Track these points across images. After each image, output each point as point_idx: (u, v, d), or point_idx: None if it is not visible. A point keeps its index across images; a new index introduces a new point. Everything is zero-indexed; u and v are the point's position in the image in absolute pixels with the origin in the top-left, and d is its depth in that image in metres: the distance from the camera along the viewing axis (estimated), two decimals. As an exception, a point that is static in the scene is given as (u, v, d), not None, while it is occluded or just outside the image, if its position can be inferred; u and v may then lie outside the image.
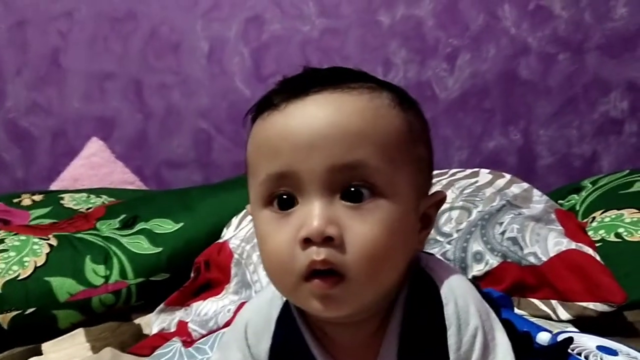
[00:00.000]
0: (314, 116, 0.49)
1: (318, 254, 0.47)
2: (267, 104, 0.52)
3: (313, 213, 0.48)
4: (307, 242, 0.48)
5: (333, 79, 0.52)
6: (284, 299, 0.58)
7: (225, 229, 1.31)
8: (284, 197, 0.50)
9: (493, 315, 0.55)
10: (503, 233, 1.03)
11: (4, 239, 1.26)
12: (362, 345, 0.55)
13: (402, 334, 0.54)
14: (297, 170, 0.48)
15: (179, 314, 1.15)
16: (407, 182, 0.51)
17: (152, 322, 1.17)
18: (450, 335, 0.52)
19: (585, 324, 0.93)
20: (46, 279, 1.19)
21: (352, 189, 0.49)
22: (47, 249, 1.24)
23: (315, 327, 0.57)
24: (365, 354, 0.55)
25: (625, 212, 1.15)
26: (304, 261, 0.48)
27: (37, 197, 1.66)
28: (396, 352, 0.54)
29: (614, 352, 0.75)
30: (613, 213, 1.17)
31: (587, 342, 0.77)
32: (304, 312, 0.56)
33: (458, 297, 0.53)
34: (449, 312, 0.52)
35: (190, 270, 1.26)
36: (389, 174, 0.49)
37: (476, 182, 1.20)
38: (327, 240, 0.47)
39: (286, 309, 0.58)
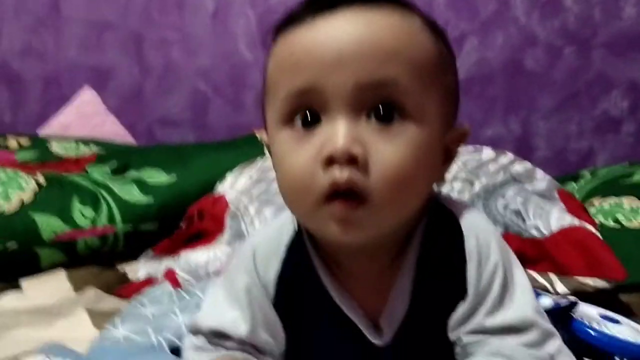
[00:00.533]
0: (343, 30, 0.47)
1: (341, 174, 0.45)
2: (291, 19, 0.50)
3: (338, 131, 0.46)
4: (330, 161, 0.45)
5: None
6: (296, 225, 0.56)
7: (218, 184, 1.28)
8: (307, 114, 0.48)
9: (512, 253, 0.54)
10: (506, 205, 1.03)
11: (-10, 171, 1.22)
12: (376, 276, 0.54)
13: (418, 265, 0.53)
14: (322, 85, 0.46)
15: (167, 262, 1.12)
16: (436, 109, 0.49)
17: (138, 269, 1.14)
18: (470, 269, 0.51)
19: (581, 299, 0.92)
20: (31, 215, 1.16)
21: (381, 109, 0.46)
22: (34, 186, 1.20)
23: (328, 256, 0.54)
24: (378, 285, 0.53)
25: (624, 199, 1.15)
26: (325, 181, 0.46)
27: (24, 141, 1.62)
28: (411, 285, 0.53)
29: (616, 321, 0.74)
30: (612, 200, 1.16)
31: (589, 310, 0.76)
32: (317, 240, 0.54)
33: (480, 231, 0.52)
34: (470, 245, 0.51)
35: (179, 222, 1.23)
36: (419, 96, 0.47)
37: (480, 157, 1.19)
38: (351, 161, 0.45)
39: (298, 236, 0.56)
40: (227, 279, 0.58)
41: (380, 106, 0.46)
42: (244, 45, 1.80)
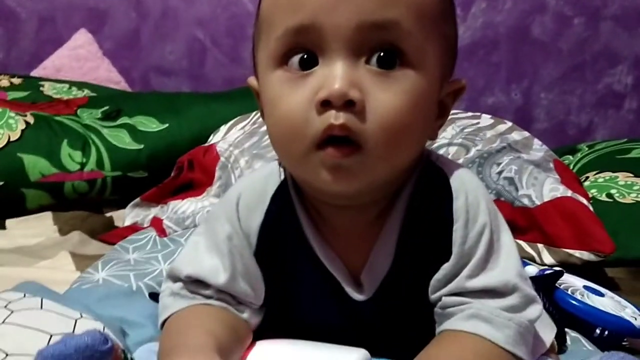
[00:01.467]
0: None
1: (337, 118, 0.43)
2: None
3: (335, 73, 0.43)
4: (325, 105, 0.43)
5: None
6: (282, 176, 0.54)
7: (212, 135, 1.26)
8: (304, 56, 0.45)
9: (501, 216, 0.52)
10: (500, 173, 1.01)
11: (-22, 108, 1.19)
12: (360, 231, 0.52)
13: (404, 222, 0.51)
14: (321, 24, 0.44)
15: (155, 211, 1.11)
16: (435, 57, 0.47)
17: (126, 215, 1.13)
18: (457, 228, 0.49)
19: (568, 271, 0.92)
20: (19, 154, 1.14)
21: (382, 53, 0.44)
22: (22, 125, 1.18)
23: (313, 209, 0.53)
24: (362, 240, 0.52)
25: (620, 174, 1.14)
26: (319, 126, 0.44)
27: (16, 80, 1.59)
28: (395, 242, 0.51)
29: (599, 293, 0.74)
30: (607, 175, 1.15)
31: (574, 280, 0.76)
32: (303, 191, 0.53)
33: (469, 191, 0.50)
34: (458, 205, 0.50)
35: (170, 172, 1.22)
36: (420, 41, 0.45)
37: (477, 123, 1.17)
38: (347, 105, 0.43)
39: (283, 186, 0.54)
40: (209, 226, 0.56)
41: (380, 51, 0.44)
42: (246, -6, 1.75)
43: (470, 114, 1.23)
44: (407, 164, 0.49)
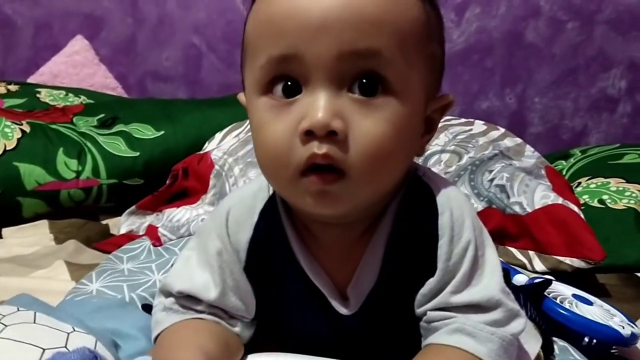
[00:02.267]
0: None
1: (320, 148, 0.44)
2: None
3: (318, 104, 0.44)
4: (308, 134, 0.44)
5: None
6: (270, 191, 0.55)
7: (207, 143, 1.27)
8: (288, 83, 0.46)
9: (486, 232, 0.53)
10: (492, 180, 1.02)
11: (-26, 117, 1.20)
12: (347, 246, 0.53)
13: (390, 238, 0.52)
14: (303, 53, 0.44)
15: (150, 219, 1.12)
16: (419, 80, 0.48)
17: (121, 223, 1.14)
18: (442, 245, 0.50)
19: (558, 278, 0.92)
20: (15, 163, 1.15)
21: (364, 80, 0.45)
22: (19, 134, 1.19)
23: (300, 224, 0.54)
24: (348, 255, 0.53)
25: (612, 180, 1.15)
26: (303, 154, 0.45)
27: (13, 87, 1.59)
28: (381, 257, 0.52)
29: (588, 302, 0.75)
30: (599, 180, 1.16)
31: (562, 289, 0.77)
32: (290, 207, 0.54)
33: (454, 207, 0.51)
34: (443, 221, 0.50)
35: (165, 179, 1.23)
36: (402, 68, 0.45)
37: (470, 130, 1.18)
38: (330, 135, 0.44)
39: (271, 202, 0.55)
40: (200, 241, 0.57)
41: (362, 78, 0.45)
42: (241, 1, 1.76)
43: (463, 120, 1.24)
44: (391, 186, 0.50)
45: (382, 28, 0.44)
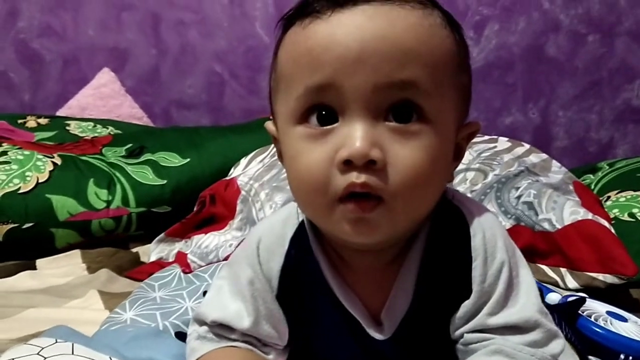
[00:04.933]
0: (364, 27, 0.45)
1: (358, 177, 0.45)
2: (307, 11, 0.48)
3: (356, 134, 0.45)
4: (347, 164, 0.45)
5: None
6: (300, 218, 0.56)
7: (233, 168, 1.29)
8: (324, 112, 0.47)
9: (519, 252, 0.53)
10: (519, 197, 1.01)
11: (7, 151, 1.24)
12: (379, 271, 0.53)
13: (422, 263, 0.52)
14: (341, 84, 0.45)
15: (179, 246, 1.13)
16: (450, 110, 0.49)
17: (151, 251, 1.15)
18: (476, 267, 0.50)
19: (591, 295, 0.91)
20: (47, 195, 1.18)
21: (400, 109, 0.46)
22: (50, 167, 1.22)
23: (332, 250, 0.54)
24: (381, 281, 0.53)
25: (641, 193, 1.13)
26: (341, 183, 0.45)
27: (43, 121, 1.63)
28: (414, 282, 0.52)
29: (623, 319, 0.73)
30: (629, 194, 1.14)
31: (596, 306, 0.76)
32: (320, 234, 0.54)
33: (486, 229, 0.51)
34: (476, 243, 0.51)
35: (193, 206, 1.24)
36: (436, 98, 0.46)
37: (494, 147, 1.17)
38: (369, 164, 0.44)
39: (301, 229, 0.56)
40: (232, 270, 0.58)
41: (398, 108, 0.46)
42: (261, 28, 1.79)
43: (487, 137, 1.24)
44: (427, 213, 0.51)
45: (417, 60, 0.45)
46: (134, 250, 1.22)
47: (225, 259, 1.01)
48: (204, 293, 0.74)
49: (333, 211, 0.47)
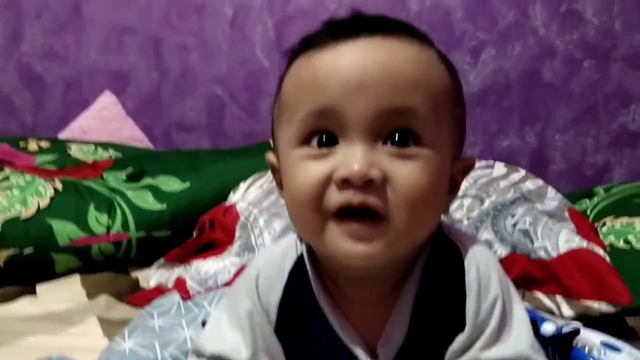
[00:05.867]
0: (366, 57, 0.48)
1: (355, 195, 0.46)
2: (313, 42, 0.51)
3: (355, 155, 0.46)
4: (345, 182, 0.46)
5: (384, 25, 0.50)
6: (299, 251, 0.57)
7: (232, 193, 1.30)
8: (324, 136, 0.48)
9: (513, 287, 0.54)
10: (515, 225, 1.02)
11: (9, 177, 1.25)
12: (375, 303, 0.54)
13: (418, 295, 0.53)
14: (342, 109, 0.47)
15: (178, 271, 1.14)
16: (446, 140, 0.50)
17: (150, 276, 1.16)
18: (470, 301, 0.51)
19: (586, 323, 0.91)
20: (48, 221, 1.18)
21: (398, 134, 0.47)
22: (51, 192, 1.23)
23: (330, 282, 0.55)
24: (377, 313, 0.54)
25: (636, 220, 1.14)
26: (337, 200, 0.47)
27: (44, 144, 1.65)
28: (409, 314, 0.53)
29: (617, 349, 0.74)
30: (624, 220, 1.15)
31: (591, 337, 0.76)
32: (320, 264, 0.55)
33: (480, 263, 0.52)
34: (470, 277, 0.52)
35: (193, 230, 1.25)
36: (434, 126, 0.48)
37: (491, 173, 1.19)
38: (367, 184, 0.46)
39: (300, 261, 0.57)
40: (231, 302, 0.59)
41: (397, 133, 0.47)
42: (261, 52, 1.82)
43: (484, 163, 1.25)
44: (425, 238, 0.52)
45: (417, 88, 0.48)
46: (134, 275, 1.22)
47: (225, 284, 1.02)
48: (203, 323, 0.75)
49: (326, 228, 0.48)
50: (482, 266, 0.52)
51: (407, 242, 0.49)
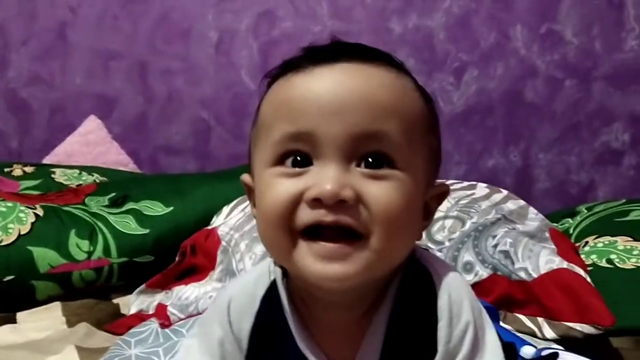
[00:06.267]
0: (342, 82, 0.48)
1: (326, 215, 0.46)
2: (291, 66, 0.51)
3: (328, 174, 0.47)
4: (316, 201, 0.46)
5: (362, 52, 0.52)
6: (272, 277, 0.57)
7: (215, 217, 1.29)
8: (298, 157, 0.49)
9: (485, 313, 0.54)
10: (495, 246, 1.02)
11: (-10, 204, 1.24)
12: (347, 329, 0.54)
13: (390, 321, 0.53)
14: (317, 132, 0.47)
15: (159, 297, 1.13)
16: (420, 166, 0.51)
17: (131, 303, 1.15)
18: (441, 327, 0.51)
19: (569, 345, 0.91)
20: (29, 247, 1.18)
21: (371, 157, 0.48)
22: (32, 218, 1.23)
23: (303, 307, 0.55)
24: (349, 338, 0.54)
25: (619, 239, 1.14)
26: (308, 217, 0.47)
27: (29, 169, 1.64)
28: (382, 340, 0.53)
29: (597, 373, 0.74)
30: (606, 239, 1.15)
31: (571, 359, 0.76)
32: (292, 289, 0.55)
33: (452, 290, 0.52)
34: (442, 303, 0.52)
35: (175, 255, 1.24)
36: (407, 152, 0.49)
37: (473, 194, 1.19)
38: (340, 204, 0.46)
39: (272, 288, 0.56)
40: (202, 330, 0.59)
41: (370, 157, 0.48)
42: (246, 76, 1.83)
43: (466, 184, 1.26)
44: (400, 260, 0.52)
45: (391, 114, 0.48)
46: (115, 301, 1.21)
47: (205, 311, 1.01)
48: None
49: (295, 248, 0.48)
50: (454, 292, 0.52)
51: (383, 263, 0.49)
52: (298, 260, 0.49)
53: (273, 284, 0.56)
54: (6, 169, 1.61)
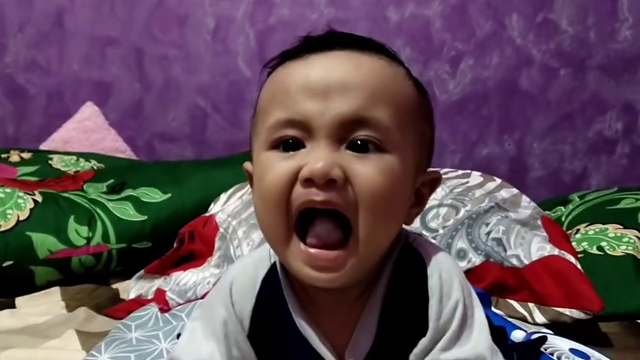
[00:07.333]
0: (334, 69, 0.51)
1: (317, 194, 0.49)
2: (289, 54, 0.54)
3: (318, 155, 0.49)
4: (308, 181, 0.49)
5: (356, 42, 0.54)
6: (272, 260, 0.59)
7: (212, 204, 1.31)
8: (290, 141, 0.51)
9: (474, 293, 0.56)
10: (488, 233, 1.04)
11: (-11, 190, 1.25)
12: (344, 310, 0.56)
13: (385, 301, 0.55)
14: (309, 117, 0.50)
15: (158, 282, 1.15)
16: (410, 150, 0.53)
17: (130, 288, 1.17)
18: (432, 305, 0.53)
19: (559, 330, 0.93)
20: (27, 233, 1.19)
21: (359, 141, 0.50)
22: (31, 204, 1.23)
23: (300, 289, 0.57)
24: (346, 318, 0.56)
25: (609, 226, 1.16)
26: (301, 196, 0.49)
27: (26, 155, 1.65)
28: (377, 319, 0.55)
29: (585, 356, 0.76)
30: (597, 227, 1.18)
31: (560, 343, 0.78)
32: (290, 275, 0.57)
33: (443, 270, 0.55)
34: (432, 283, 0.54)
35: (173, 241, 1.26)
36: (397, 136, 0.51)
37: (467, 182, 1.20)
38: (329, 183, 0.48)
39: (273, 269, 0.59)
40: (205, 312, 0.61)
41: (359, 140, 0.50)
42: (243, 63, 1.83)
43: (460, 172, 1.27)
44: (386, 245, 0.54)
45: (380, 99, 0.50)
46: (114, 286, 1.23)
47: (203, 296, 1.03)
48: (178, 335, 0.76)
49: (290, 242, 0.51)
50: (444, 273, 0.54)
51: (370, 252, 0.52)
52: (290, 260, 0.52)
53: (273, 267, 0.59)
54: (3, 155, 1.62)
